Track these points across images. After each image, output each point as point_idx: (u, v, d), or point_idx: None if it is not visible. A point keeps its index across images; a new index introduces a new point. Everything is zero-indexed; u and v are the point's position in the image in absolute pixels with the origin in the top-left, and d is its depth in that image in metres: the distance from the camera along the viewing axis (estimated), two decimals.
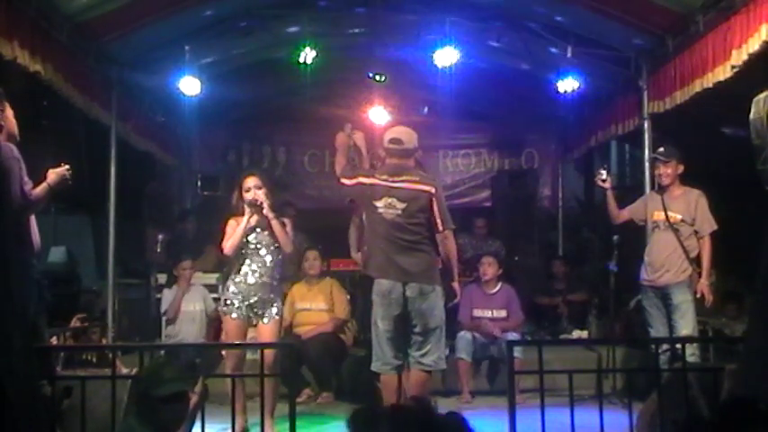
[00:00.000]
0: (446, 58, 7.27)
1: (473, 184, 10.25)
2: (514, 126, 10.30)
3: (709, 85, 5.88)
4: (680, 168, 6.03)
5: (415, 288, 4.72)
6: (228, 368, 5.17)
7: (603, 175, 6.22)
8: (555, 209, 10.26)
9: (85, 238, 9.80)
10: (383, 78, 8.38)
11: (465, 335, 6.72)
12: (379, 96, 8.36)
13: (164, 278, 7.83)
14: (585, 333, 7.89)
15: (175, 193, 10.12)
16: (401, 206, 4.75)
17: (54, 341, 5.64)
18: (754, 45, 5.19)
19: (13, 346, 3.55)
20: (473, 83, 8.53)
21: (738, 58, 5.38)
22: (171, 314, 7.09)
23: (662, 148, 6.23)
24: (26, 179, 4.14)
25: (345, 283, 7.38)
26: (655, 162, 6.32)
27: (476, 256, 8.56)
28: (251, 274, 5.24)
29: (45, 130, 7.89)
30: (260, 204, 5.21)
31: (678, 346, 5.07)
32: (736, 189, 6.01)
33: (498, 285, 7.01)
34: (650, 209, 6.13)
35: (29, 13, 5.46)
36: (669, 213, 5.96)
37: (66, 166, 4.34)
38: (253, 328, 5.38)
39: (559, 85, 7.79)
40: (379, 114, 8.29)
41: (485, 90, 9.47)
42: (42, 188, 4.25)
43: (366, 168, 5.19)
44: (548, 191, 10.35)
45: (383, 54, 8.25)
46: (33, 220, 4.32)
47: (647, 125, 7.26)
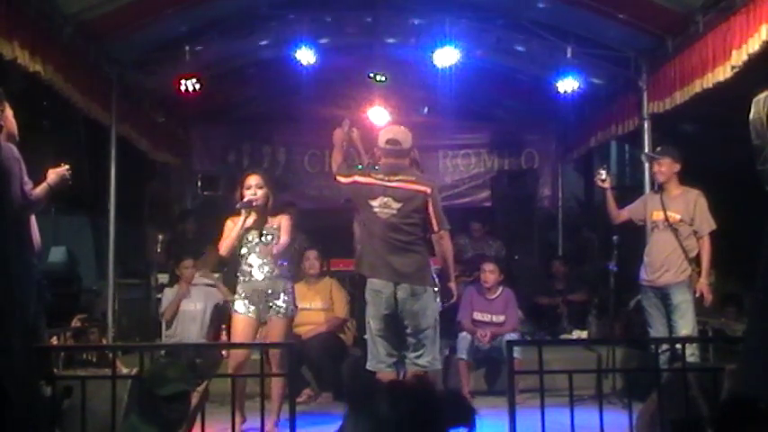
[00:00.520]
0: (446, 58, 7.27)
1: (473, 184, 10.25)
2: (514, 126, 10.30)
3: (710, 85, 5.89)
4: (676, 167, 6.02)
5: (406, 289, 4.71)
6: (231, 368, 5.16)
7: (603, 174, 6.22)
8: (555, 209, 10.26)
9: (85, 238, 9.81)
10: (383, 78, 8.38)
11: (465, 335, 6.72)
12: (379, 96, 8.35)
13: (164, 278, 7.83)
14: (585, 333, 7.89)
15: (175, 193, 10.12)
16: (396, 206, 4.74)
17: (54, 341, 5.64)
18: (754, 45, 5.20)
19: (13, 346, 3.55)
20: (473, 83, 8.54)
21: (738, 58, 5.39)
22: (168, 315, 7.08)
23: (659, 148, 6.25)
24: (26, 179, 4.14)
25: (345, 282, 7.37)
26: (649, 161, 6.34)
27: (476, 257, 8.58)
28: (256, 271, 5.25)
29: (45, 130, 7.90)
30: (255, 204, 5.21)
31: (678, 346, 5.07)
32: (737, 189, 6.00)
33: (499, 290, 7.01)
34: (649, 209, 6.14)
35: (29, 13, 5.46)
36: (668, 213, 5.96)
37: (66, 166, 4.35)
38: (263, 326, 5.37)
39: (559, 85, 7.79)
40: (379, 114, 8.28)
41: (485, 90, 9.48)
42: (42, 188, 4.25)
43: (363, 167, 5.17)
44: (548, 191, 10.34)
45: (383, 54, 8.25)
46: (33, 220, 4.32)
47: (647, 125, 7.26)
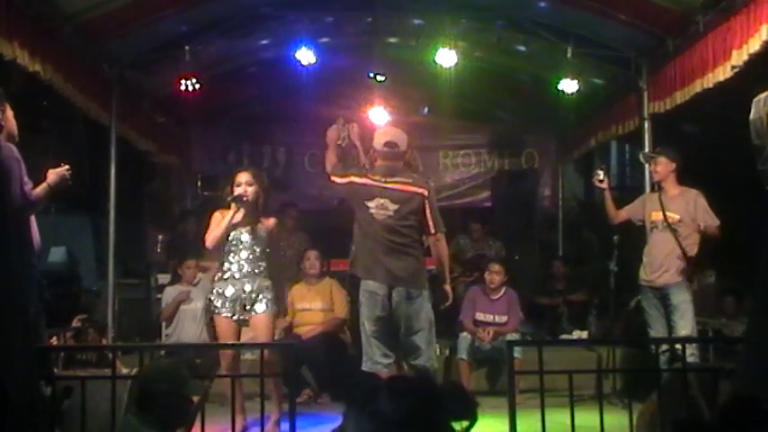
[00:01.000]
0: (446, 58, 7.26)
1: (473, 184, 10.25)
2: (514, 126, 10.30)
3: (710, 85, 5.89)
4: (672, 166, 6.02)
5: (401, 292, 4.70)
6: (223, 368, 5.15)
7: (600, 175, 6.23)
8: (555, 209, 10.26)
9: (85, 238, 9.82)
10: (383, 78, 8.38)
11: (466, 335, 6.72)
12: (379, 96, 8.35)
13: (164, 278, 7.82)
14: (585, 333, 7.88)
15: (175, 193, 10.12)
16: (393, 207, 4.72)
17: (54, 341, 5.64)
18: (754, 45, 5.19)
19: (13, 346, 3.55)
20: (473, 83, 8.54)
21: (739, 58, 5.38)
22: (166, 316, 7.08)
23: (657, 149, 6.26)
24: (26, 179, 4.14)
25: (345, 283, 7.37)
26: (645, 161, 6.38)
27: (476, 257, 8.58)
28: (237, 269, 5.21)
29: (45, 130, 7.90)
30: (245, 200, 5.18)
31: (678, 346, 5.06)
32: (737, 189, 6.00)
33: (502, 291, 7.01)
34: (648, 209, 6.14)
35: (29, 13, 5.46)
36: (667, 213, 5.95)
37: (66, 166, 4.34)
38: (246, 327, 5.34)
39: (559, 86, 7.79)
40: (379, 114, 8.28)
41: (485, 90, 9.48)
42: (42, 188, 4.25)
43: (359, 167, 5.12)
44: (548, 191, 10.35)
45: (383, 54, 8.25)
46: (33, 220, 4.32)
47: (647, 125, 7.26)
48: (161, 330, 7.29)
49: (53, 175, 4.29)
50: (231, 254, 5.24)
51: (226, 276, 5.24)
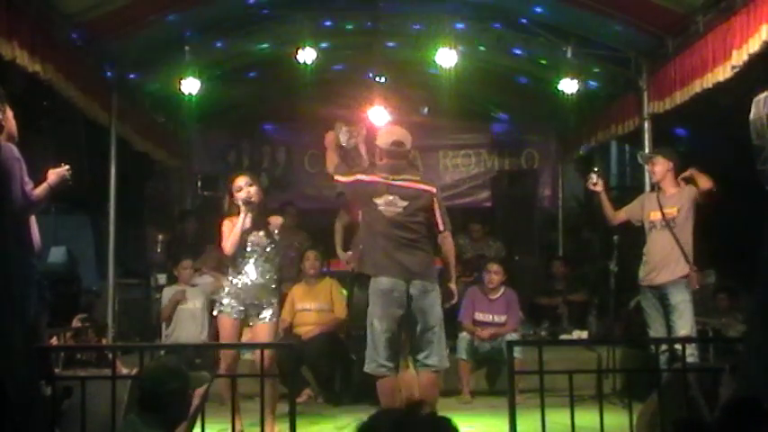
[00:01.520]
0: (446, 58, 7.26)
1: (473, 184, 10.25)
2: (514, 126, 10.31)
3: (710, 85, 5.89)
4: (669, 165, 6.03)
5: (418, 286, 4.66)
6: (222, 368, 5.14)
7: (594, 178, 6.23)
8: (555, 209, 10.26)
9: (85, 238, 9.82)
10: (383, 79, 8.39)
11: (465, 335, 6.72)
12: (379, 96, 8.36)
13: (164, 278, 7.83)
14: (585, 333, 7.88)
15: (175, 193, 10.13)
16: (402, 204, 4.71)
17: (54, 341, 5.64)
18: (754, 45, 5.19)
19: (13, 346, 3.55)
20: (473, 83, 8.54)
21: (739, 58, 5.38)
22: (164, 316, 7.08)
23: (656, 149, 6.27)
24: (27, 179, 4.13)
25: (345, 283, 7.37)
26: (645, 161, 6.39)
27: (476, 257, 8.58)
28: (252, 275, 5.23)
29: (45, 130, 7.90)
30: (254, 201, 5.17)
31: (677, 346, 5.06)
32: (736, 189, 6.00)
33: (501, 291, 7.01)
34: (646, 209, 6.14)
35: (29, 13, 5.46)
36: (665, 210, 5.96)
37: (67, 167, 4.34)
38: (248, 327, 5.35)
39: (559, 86, 7.79)
40: (379, 114, 8.29)
41: (485, 90, 9.49)
42: (43, 188, 4.25)
43: (364, 166, 5.12)
44: (548, 191, 10.35)
45: (383, 54, 8.26)
46: (33, 220, 4.32)
47: (647, 125, 7.26)
48: (161, 330, 7.29)
49: (53, 175, 4.29)
50: (249, 258, 5.24)
51: (239, 278, 5.23)
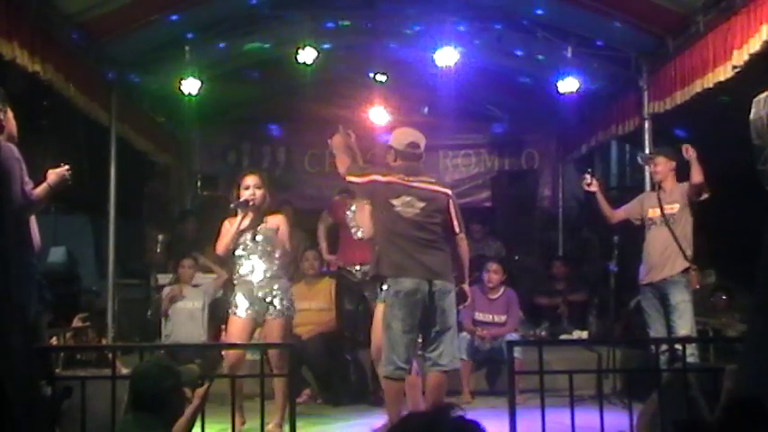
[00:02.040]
0: (446, 58, 7.26)
1: (473, 184, 10.25)
2: (514, 126, 10.30)
3: (710, 85, 5.89)
4: (671, 164, 6.05)
5: (440, 286, 4.64)
6: (226, 368, 5.15)
7: (588, 179, 6.23)
8: (555, 209, 10.26)
9: (85, 238, 9.81)
10: (383, 79, 8.39)
11: (465, 336, 6.72)
12: (379, 96, 8.36)
13: (164, 278, 7.82)
14: (585, 333, 7.88)
15: (175, 193, 10.12)
16: (420, 205, 4.71)
17: (54, 341, 5.64)
18: (754, 45, 5.19)
19: (13, 346, 3.55)
20: (473, 83, 8.53)
21: (739, 58, 5.38)
22: (162, 312, 7.07)
23: (656, 149, 6.28)
24: (27, 179, 4.13)
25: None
26: (646, 161, 6.39)
27: (476, 257, 8.57)
28: (253, 272, 5.24)
29: (45, 130, 7.89)
30: (251, 204, 5.20)
31: (677, 346, 5.06)
32: (736, 189, 6.00)
33: (501, 290, 7.01)
34: (646, 207, 6.16)
35: (29, 13, 5.46)
36: (666, 207, 5.97)
37: (67, 167, 4.34)
38: (260, 327, 5.35)
39: (559, 85, 7.78)
40: (379, 114, 8.29)
41: (485, 90, 9.48)
42: (43, 188, 4.25)
43: (378, 166, 5.08)
44: (548, 191, 10.35)
45: (383, 54, 8.25)
46: (33, 220, 4.32)
47: (647, 125, 7.26)
48: (161, 330, 7.30)
49: (53, 175, 4.29)
50: (245, 257, 5.25)
51: (242, 280, 5.25)
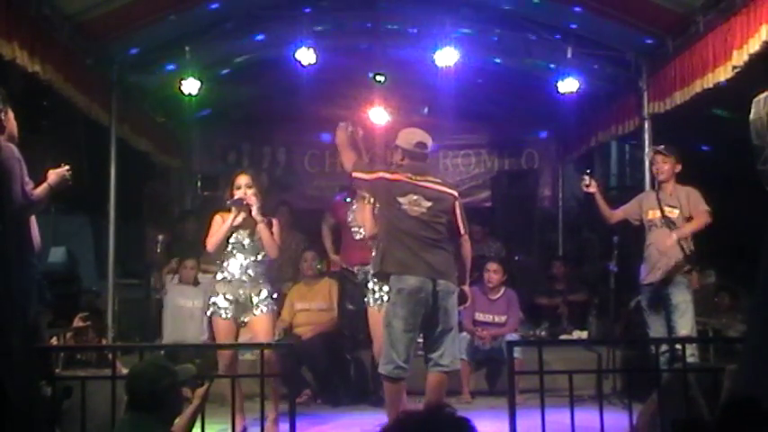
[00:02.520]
0: (446, 58, 7.25)
1: (473, 184, 10.25)
2: (514, 126, 10.30)
3: (710, 85, 5.89)
4: (677, 167, 6.01)
5: (444, 285, 4.66)
6: (220, 369, 5.15)
7: (587, 180, 6.21)
8: (555, 209, 10.26)
9: (85, 238, 9.80)
10: (383, 79, 8.38)
11: (465, 336, 6.72)
12: (379, 96, 8.34)
13: (168, 279, 7.82)
14: (585, 333, 7.88)
15: (175, 193, 10.12)
16: (427, 204, 4.73)
17: (54, 341, 5.64)
18: (754, 45, 5.19)
19: (13, 346, 3.55)
20: (473, 83, 8.53)
21: (739, 58, 5.38)
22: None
23: (662, 146, 6.24)
24: (27, 179, 4.14)
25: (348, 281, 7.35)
26: (654, 156, 6.28)
27: (476, 258, 8.56)
28: (237, 272, 5.24)
29: (45, 130, 7.89)
30: (246, 204, 5.20)
31: (678, 346, 5.06)
32: (736, 189, 6.00)
33: (501, 291, 7.01)
34: (645, 207, 6.12)
35: (29, 14, 5.46)
36: (666, 209, 5.95)
37: (67, 167, 4.34)
38: (244, 328, 5.34)
39: (559, 86, 7.78)
40: (379, 114, 8.28)
41: (485, 90, 9.47)
42: (43, 188, 4.25)
43: (386, 164, 5.10)
44: (548, 191, 10.35)
45: (383, 54, 8.24)
46: (33, 220, 4.33)
47: (647, 125, 7.26)
48: (161, 330, 7.30)
49: (53, 175, 4.30)
50: (232, 256, 5.26)
51: (226, 278, 5.26)
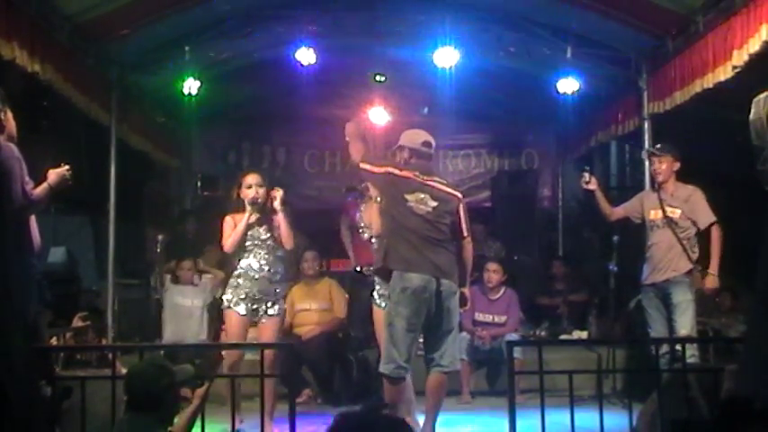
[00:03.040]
0: (446, 58, 7.27)
1: (473, 184, 10.26)
2: (514, 126, 10.31)
3: (710, 85, 5.89)
4: (676, 165, 5.98)
5: (447, 285, 4.67)
6: (226, 367, 5.16)
7: (586, 177, 6.19)
8: (555, 209, 10.27)
9: (85, 238, 9.79)
10: (383, 79, 8.38)
11: (465, 336, 6.72)
12: (379, 96, 8.35)
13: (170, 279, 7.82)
14: (585, 333, 7.88)
15: (175, 193, 10.13)
16: (433, 204, 4.74)
17: (54, 341, 5.64)
18: (754, 45, 5.20)
19: (13, 346, 3.55)
20: (473, 83, 8.53)
21: (739, 58, 5.39)
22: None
23: (658, 145, 6.23)
24: (27, 179, 4.14)
25: (344, 283, 7.37)
26: (650, 157, 6.28)
27: (476, 258, 8.55)
28: (253, 270, 5.25)
29: (45, 130, 7.89)
30: (260, 202, 5.24)
31: (678, 346, 5.06)
32: (737, 189, 5.99)
33: (501, 291, 7.02)
34: (647, 208, 6.09)
35: (29, 14, 5.46)
36: (667, 209, 5.92)
37: (67, 167, 4.34)
38: (254, 327, 5.37)
39: (559, 86, 7.79)
40: (379, 114, 8.28)
41: (485, 90, 9.47)
42: (43, 188, 4.25)
43: (394, 161, 5.06)
44: (548, 191, 10.36)
45: (383, 54, 8.25)
46: (33, 220, 4.32)
47: (647, 125, 7.26)
48: (161, 330, 7.30)
49: (53, 175, 4.29)
50: (250, 252, 5.27)
51: (244, 273, 5.26)
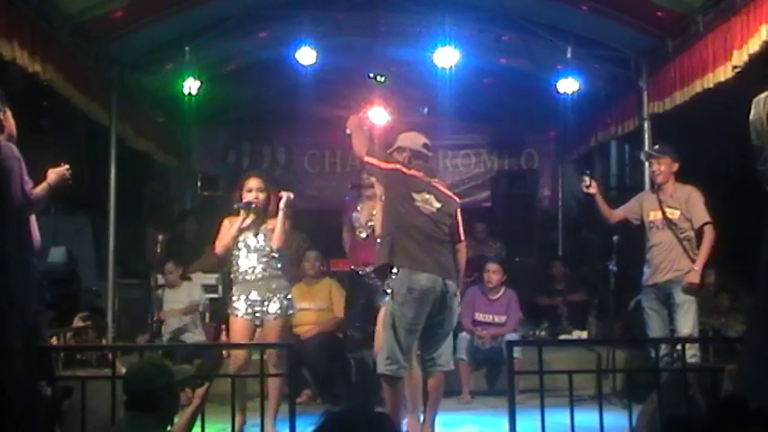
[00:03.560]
0: (446, 58, 7.27)
1: (473, 184, 10.25)
2: (514, 126, 10.29)
3: (710, 85, 5.89)
4: (674, 166, 5.99)
5: (451, 286, 4.69)
6: (232, 369, 5.15)
7: (587, 181, 6.19)
8: (555, 209, 10.26)
9: (85, 238, 9.79)
10: (383, 79, 8.37)
11: (465, 336, 6.73)
12: (379, 97, 8.33)
13: (163, 279, 7.84)
14: (585, 333, 7.88)
15: (175, 193, 10.13)
16: (437, 205, 4.78)
17: (54, 341, 5.64)
18: (754, 45, 5.20)
19: (13, 346, 3.56)
20: (473, 83, 8.53)
21: (739, 58, 5.39)
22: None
23: (656, 146, 6.23)
24: (27, 179, 4.14)
25: (345, 283, 7.36)
26: (648, 159, 6.29)
27: (476, 258, 8.57)
28: (250, 272, 5.25)
29: (45, 130, 7.90)
30: (254, 206, 5.23)
31: (678, 347, 5.06)
32: (736, 189, 5.99)
33: (501, 291, 7.02)
34: (646, 209, 6.10)
35: (29, 14, 5.46)
36: (666, 210, 5.93)
37: (66, 166, 4.34)
38: (259, 328, 5.37)
39: (559, 86, 7.79)
40: (379, 114, 8.27)
41: (485, 90, 9.47)
42: (42, 188, 4.25)
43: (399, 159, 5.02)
44: (548, 191, 10.35)
45: (383, 54, 8.25)
46: (33, 220, 4.32)
47: (646, 125, 7.26)
48: (160, 330, 7.30)
49: (53, 174, 4.29)
50: (244, 258, 5.26)
51: (240, 280, 5.27)
